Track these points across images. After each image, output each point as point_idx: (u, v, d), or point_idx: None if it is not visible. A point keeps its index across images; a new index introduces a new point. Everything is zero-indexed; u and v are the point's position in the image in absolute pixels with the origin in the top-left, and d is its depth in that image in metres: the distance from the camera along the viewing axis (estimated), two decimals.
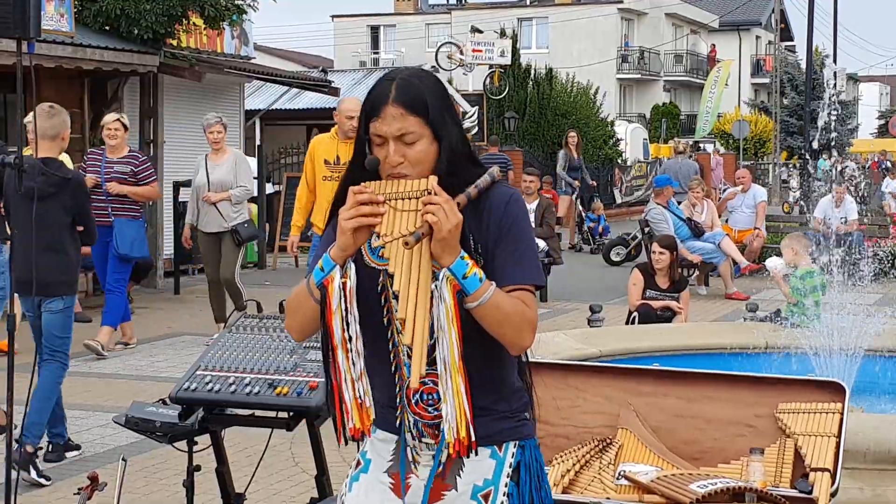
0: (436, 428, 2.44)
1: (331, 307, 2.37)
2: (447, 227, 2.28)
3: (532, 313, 2.41)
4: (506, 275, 2.40)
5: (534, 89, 28.18)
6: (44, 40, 11.24)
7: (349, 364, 2.39)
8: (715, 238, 13.25)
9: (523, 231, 2.45)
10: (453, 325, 2.31)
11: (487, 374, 2.47)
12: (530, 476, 2.52)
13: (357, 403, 2.40)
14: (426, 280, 2.31)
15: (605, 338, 7.55)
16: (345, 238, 2.35)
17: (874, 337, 7.00)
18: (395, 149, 2.39)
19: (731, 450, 3.93)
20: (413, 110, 2.39)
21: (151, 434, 4.07)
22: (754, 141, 41.66)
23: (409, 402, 2.46)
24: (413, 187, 2.35)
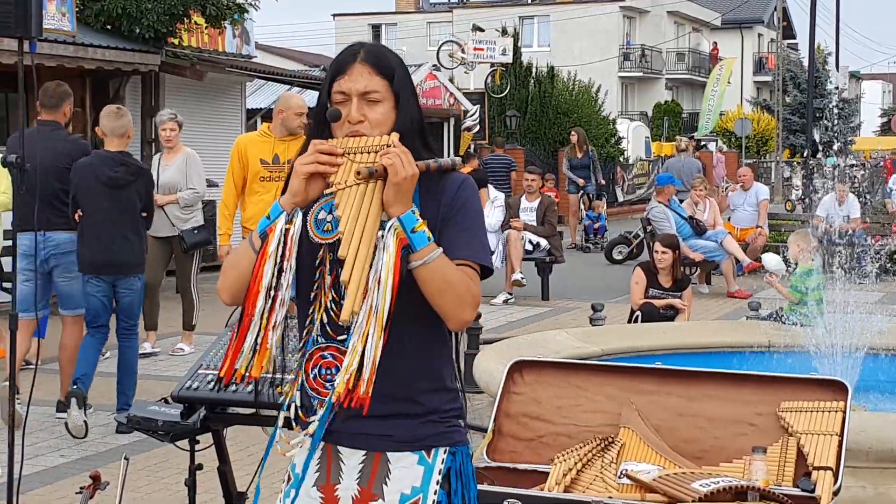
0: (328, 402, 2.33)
1: (265, 251, 2.31)
2: (402, 174, 2.24)
3: (476, 289, 2.34)
4: (454, 249, 2.33)
5: (535, 88, 28.18)
6: (45, 39, 11.25)
7: (266, 308, 2.30)
8: (717, 236, 13.25)
9: (474, 213, 2.41)
10: (391, 275, 2.22)
11: (420, 363, 2.38)
12: (461, 484, 2.41)
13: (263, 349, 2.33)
14: (372, 224, 2.25)
15: (607, 336, 7.55)
16: (297, 182, 2.31)
17: (877, 335, 7.00)
18: (357, 106, 2.37)
19: (734, 448, 3.92)
20: (380, 72, 2.38)
21: (153, 433, 4.06)
22: (756, 139, 41.63)
23: (308, 375, 2.39)
24: (374, 143, 2.33)
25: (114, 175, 6.75)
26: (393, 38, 50.46)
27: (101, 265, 6.82)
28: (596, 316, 8.50)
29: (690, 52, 52.60)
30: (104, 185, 6.76)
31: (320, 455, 2.43)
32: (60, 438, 6.72)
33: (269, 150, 7.59)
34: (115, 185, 6.72)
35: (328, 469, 2.42)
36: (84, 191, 6.80)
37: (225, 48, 16.53)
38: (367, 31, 50.90)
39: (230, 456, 4.41)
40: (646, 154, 33.43)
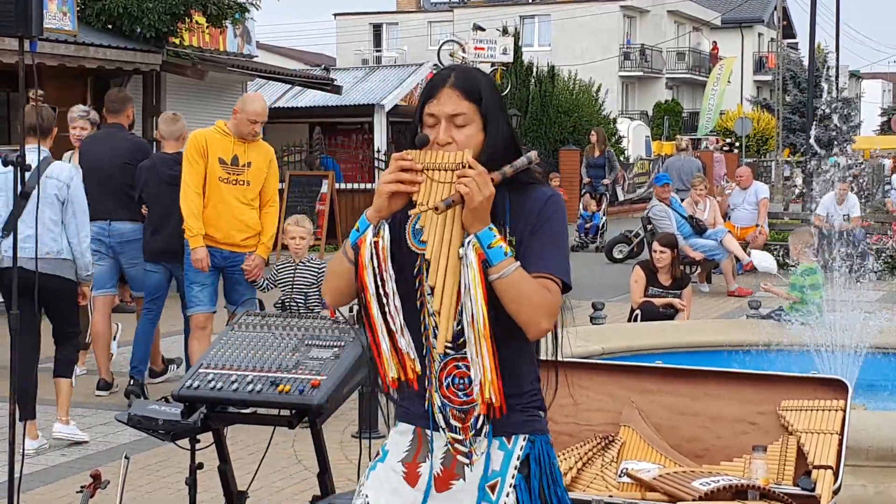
0: (464, 413, 2.48)
1: (362, 263, 2.46)
2: (478, 198, 2.37)
3: (554, 299, 2.46)
4: (536, 262, 2.47)
5: (536, 87, 28.16)
6: (47, 39, 11.26)
7: (388, 317, 2.45)
8: (717, 235, 13.25)
9: (559, 229, 2.54)
10: (479, 288, 2.37)
11: (505, 365, 2.48)
12: (541, 470, 2.54)
13: (395, 354, 2.46)
14: (456, 248, 2.40)
15: (608, 335, 7.55)
16: (381, 200, 2.45)
17: (877, 334, 7.00)
18: (444, 128, 2.49)
19: (734, 447, 3.93)
20: (468, 96, 2.51)
21: (154, 432, 4.07)
22: (757, 138, 41.62)
23: (441, 384, 2.50)
24: (449, 159, 2.44)
25: (172, 173, 7.38)
26: (394, 37, 50.46)
27: (161, 253, 7.53)
28: (596, 315, 8.51)
29: (691, 51, 52.59)
30: (165, 183, 7.44)
31: (412, 438, 2.60)
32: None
33: (228, 150, 7.07)
34: (173, 183, 7.28)
35: (417, 449, 2.58)
36: (148, 189, 7.66)
37: (226, 47, 16.55)
38: (368, 31, 50.90)
39: (231, 455, 4.42)
40: (646, 153, 33.43)
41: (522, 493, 2.51)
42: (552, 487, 2.56)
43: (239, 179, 7.15)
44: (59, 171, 6.38)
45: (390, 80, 22.96)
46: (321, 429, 4.19)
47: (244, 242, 7.22)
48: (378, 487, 2.61)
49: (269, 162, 7.36)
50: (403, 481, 2.58)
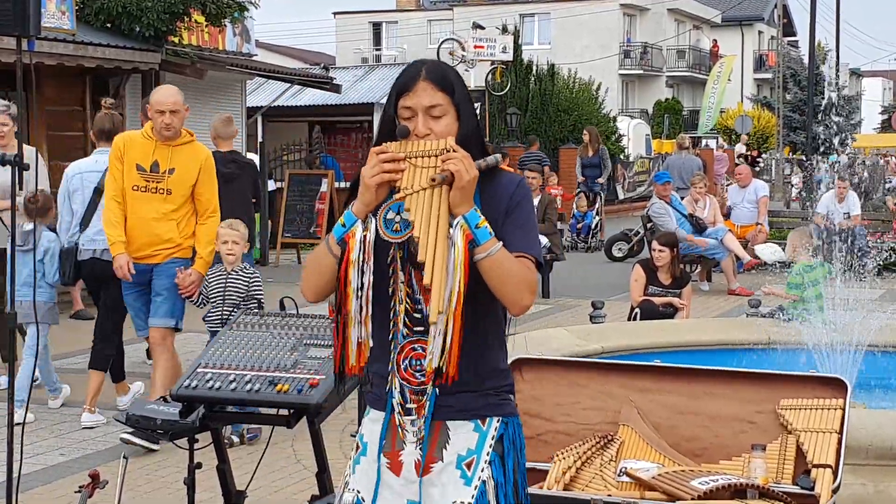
0: (420, 394, 2.58)
1: (349, 257, 2.54)
2: (467, 177, 2.48)
3: (533, 276, 2.59)
4: (512, 243, 2.57)
5: (536, 85, 28.15)
6: (45, 38, 11.24)
7: (358, 308, 2.55)
8: (717, 234, 13.24)
9: (528, 213, 2.66)
10: (460, 269, 2.46)
11: (479, 347, 2.61)
12: (514, 449, 2.67)
13: (358, 343, 2.56)
14: (444, 227, 2.48)
15: (607, 334, 7.54)
16: (369, 193, 2.53)
17: (877, 333, 6.99)
18: (423, 121, 2.59)
19: (733, 446, 3.92)
20: (442, 87, 2.61)
21: (152, 432, 4.06)
22: (757, 136, 41.61)
23: (399, 367, 2.60)
24: (432, 146, 2.54)
25: (226, 171, 7.76)
26: (393, 35, 50.45)
27: None
28: (596, 313, 8.50)
29: (691, 49, 52.56)
30: (219, 180, 7.23)
31: (386, 426, 2.66)
32: (60, 437, 6.72)
33: (148, 155, 6.48)
34: (227, 179, 7.67)
35: (393, 437, 2.65)
36: None
37: (225, 46, 16.53)
38: (367, 29, 50.88)
39: (230, 454, 4.42)
40: (646, 152, 33.40)
41: (497, 469, 2.63)
42: (520, 469, 2.69)
43: (158, 188, 6.51)
44: None
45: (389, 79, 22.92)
46: (319, 428, 4.19)
47: (156, 252, 6.58)
48: (367, 481, 2.68)
49: (202, 168, 6.63)
50: (388, 471, 2.66)
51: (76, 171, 7.20)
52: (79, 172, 7.14)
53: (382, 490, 2.65)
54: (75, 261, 6.95)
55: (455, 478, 2.60)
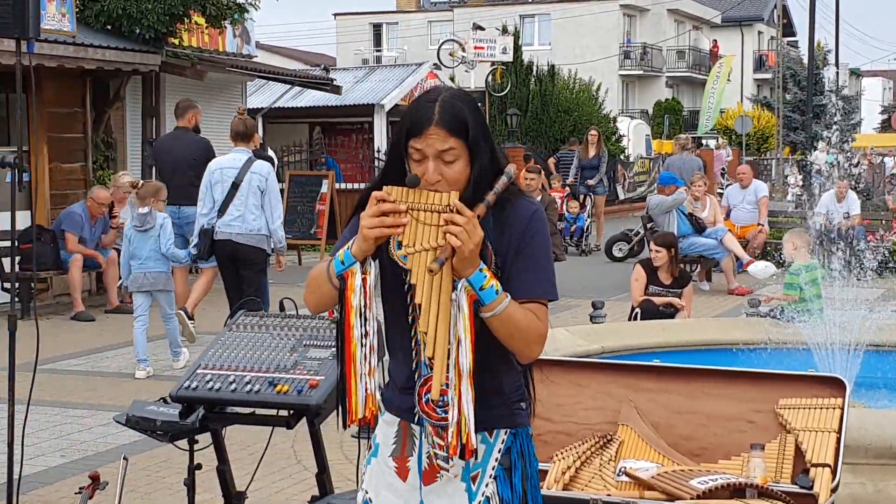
0: (441, 430, 2.51)
1: (349, 304, 2.46)
2: (469, 248, 2.37)
3: (543, 326, 2.51)
4: (521, 288, 2.49)
5: (536, 86, 28.16)
6: (45, 40, 11.25)
7: (363, 357, 2.49)
8: (717, 234, 13.24)
9: (542, 246, 2.54)
10: (468, 334, 2.40)
11: (489, 374, 2.53)
12: (523, 462, 2.61)
13: (368, 396, 2.50)
14: (447, 294, 2.41)
15: (608, 334, 7.55)
16: (366, 244, 2.44)
17: (877, 332, 7.00)
18: (433, 167, 2.46)
19: (732, 446, 3.93)
20: (455, 132, 2.46)
21: (152, 433, 4.07)
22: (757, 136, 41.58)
23: (420, 399, 2.53)
24: (435, 200, 2.41)
25: None
26: (394, 36, 50.44)
27: None
28: (596, 313, 8.50)
29: (691, 49, 52.55)
30: None
31: (397, 430, 2.63)
32: (60, 438, 6.73)
33: None
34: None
35: (403, 443, 2.62)
36: None
37: (225, 48, 16.53)
38: (368, 30, 50.87)
39: (230, 455, 4.42)
40: (646, 152, 33.40)
41: (502, 484, 2.57)
42: (530, 480, 2.62)
43: None
44: (259, 167, 8.40)
45: (390, 80, 22.94)
46: (319, 429, 4.19)
47: None
48: (376, 483, 2.67)
49: None
50: (396, 475, 2.64)
51: (218, 166, 8.54)
52: (220, 168, 8.48)
53: (387, 492, 2.64)
54: (211, 240, 8.39)
55: (460, 490, 2.56)
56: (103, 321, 11.13)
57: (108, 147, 13.46)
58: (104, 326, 10.84)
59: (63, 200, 12.42)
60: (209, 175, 8.51)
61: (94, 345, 9.86)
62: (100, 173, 13.04)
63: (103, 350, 9.61)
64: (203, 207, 8.48)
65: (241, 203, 8.28)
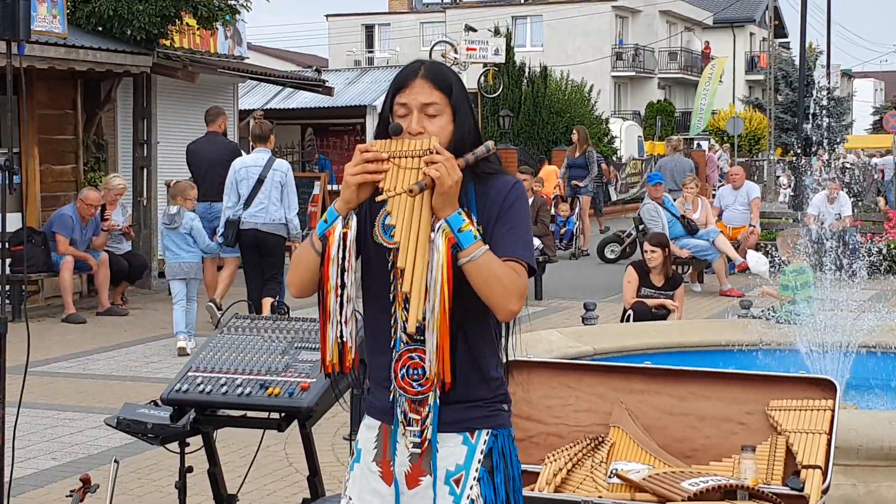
0: (418, 404, 2.53)
1: (329, 255, 2.50)
2: (448, 182, 2.42)
3: (522, 281, 2.52)
4: (501, 246, 2.52)
5: (528, 87, 28.20)
6: (36, 42, 11.21)
7: (337, 306, 2.51)
8: (709, 235, 13.25)
9: (521, 215, 2.59)
10: (443, 271, 2.42)
11: (468, 356, 2.55)
12: (505, 463, 2.61)
13: (338, 343, 2.53)
14: (425, 232, 2.43)
15: (599, 336, 7.55)
16: (349, 192, 2.49)
17: (868, 333, 7.01)
18: (417, 118, 2.54)
19: (723, 447, 3.93)
20: (439, 86, 2.56)
21: (143, 436, 4.06)
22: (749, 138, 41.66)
23: (396, 375, 2.55)
24: (416, 146, 2.47)
25: None
26: (386, 38, 50.41)
27: None
28: (588, 315, 8.49)
29: (683, 51, 52.62)
30: None
31: (377, 434, 2.64)
32: (52, 441, 6.71)
33: None
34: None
35: (384, 447, 2.62)
36: None
37: (217, 49, 16.50)
38: (360, 32, 50.84)
39: (223, 457, 4.41)
40: (639, 153, 33.44)
41: (486, 486, 2.57)
42: (512, 482, 2.63)
43: None
44: (280, 165, 9.67)
45: (382, 82, 22.95)
46: (311, 431, 4.19)
47: None
48: (359, 488, 2.67)
49: None
50: (380, 480, 2.64)
51: (243, 164, 9.72)
52: (245, 166, 9.66)
53: (371, 497, 2.63)
54: (237, 229, 9.46)
55: (444, 493, 2.57)
56: (95, 323, 11.11)
57: (99, 149, 13.42)
58: (96, 329, 10.82)
59: (54, 202, 12.38)
60: (234, 173, 9.63)
61: (85, 347, 9.84)
62: (91, 175, 13.01)
63: (95, 352, 9.59)
64: (228, 201, 9.59)
65: (264, 196, 9.46)
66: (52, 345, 9.86)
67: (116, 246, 12.04)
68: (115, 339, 10.17)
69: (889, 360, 7.18)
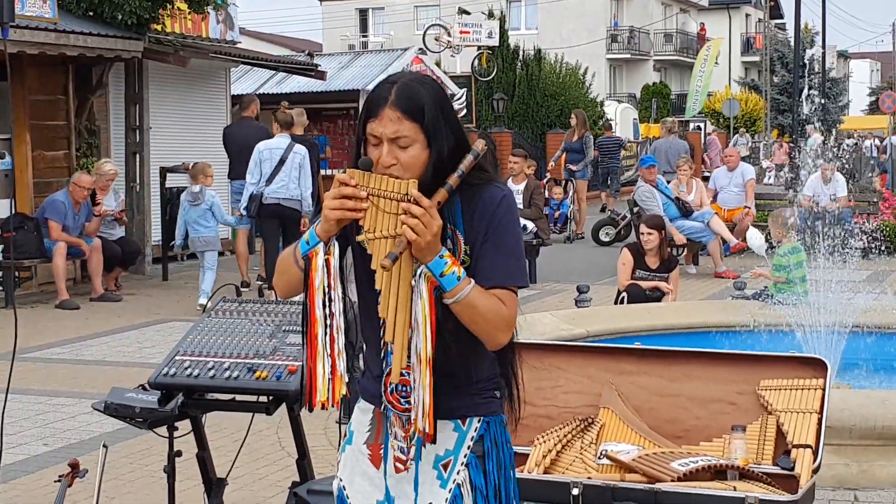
0: (406, 421, 2.51)
1: (313, 284, 2.44)
2: (426, 239, 2.35)
3: (508, 312, 2.47)
4: (487, 274, 2.46)
5: (523, 71, 28.10)
6: (27, 27, 11.15)
7: (329, 339, 2.46)
8: (704, 217, 13.23)
9: (509, 232, 2.51)
10: (427, 321, 2.38)
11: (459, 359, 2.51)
12: (496, 450, 2.58)
13: (335, 376, 2.47)
14: (406, 280, 2.39)
15: (593, 318, 7.54)
16: (328, 225, 2.43)
17: (862, 313, 7.00)
18: (388, 150, 2.43)
19: (714, 428, 3.92)
20: (410, 115, 2.43)
21: (131, 420, 4.04)
22: (745, 119, 41.62)
23: (386, 389, 2.53)
24: (395, 188, 2.39)
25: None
26: (380, 22, 50.28)
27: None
28: (581, 298, 8.48)
29: (678, 33, 52.52)
30: None
31: (371, 418, 2.62)
32: (44, 427, 6.69)
33: None
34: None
35: (377, 430, 2.61)
36: None
37: (209, 34, 16.42)
38: (354, 16, 50.70)
39: (214, 441, 4.40)
40: (634, 136, 33.38)
41: (475, 471, 2.55)
42: (503, 470, 2.59)
43: None
44: (298, 149, 10.88)
45: (375, 66, 22.83)
46: (299, 415, 4.17)
47: None
48: (350, 470, 2.66)
49: None
50: (369, 462, 2.63)
51: (266, 146, 10.93)
52: (268, 148, 10.90)
53: (361, 479, 2.63)
54: (260, 203, 10.70)
55: (431, 478, 2.55)
56: (88, 309, 11.08)
57: (91, 134, 13.37)
58: (89, 315, 10.80)
59: (46, 188, 12.34)
60: (258, 153, 10.89)
61: (78, 333, 9.81)
62: (83, 161, 12.95)
63: (88, 338, 9.57)
64: (252, 178, 10.86)
65: (285, 175, 10.73)
66: (45, 331, 9.84)
67: (109, 232, 12.02)
68: (108, 325, 10.15)
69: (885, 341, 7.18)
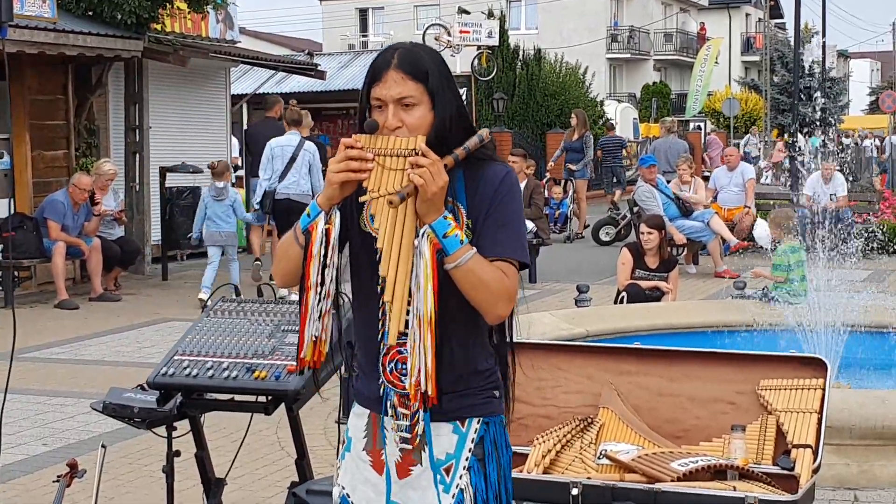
0: (407, 398, 2.46)
1: (311, 252, 2.45)
2: (432, 189, 2.33)
3: (510, 283, 2.45)
4: (490, 246, 2.44)
5: (523, 70, 28.08)
6: (26, 26, 11.14)
7: (316, 303, 2.47)
8: (704, 216, 13.22)
9: (512, 208, 2.50)
10: (429, 281, 2.35)
11: (458, 351, 2.50)
12: (496, 452, 2.56)
13: (312, 339, 2.49)
14: (409, 238, 2.37)
15: (592, 318, 7.54)
16: (331, 189, 2.42)
17: (862, 313, 6.99)
18: (393, 112, 2.44)
19: (714, 427, 3.91)
20: (413, 76, 2.45)
21: (130, 420, 4.03)
22: (745, 119, 41.58)
23: (384, 369, 2.50)
24: (401, 145, 2.39)
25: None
26: (380, 22, 50.26)
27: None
28: (581, 297, 8.47)
29: (678, 32, 52.49)
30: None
31: (367, 423, 2.60)
32: (43, 427, 6.68)
33: None
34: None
35: (374, 436, 2.58)
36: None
37: (208, 33, 16.41)
38: (354, 16, 50.68)
39: (214, 442, 4.39)
40: (634, 136, 33.37)
41: (476, 475, 2.52)
42: (503, 472, 2.57)
43: None
44: (308, 146, 11.30)
45: None
46: (298, 414, 4.16)
47: None
48: (351, 477, 2.63)
49: None
50: (371, 469, 2.59)
51: (277, 144, 11.30)
52: (280, 145, 11.27)
53: (363, 487, 2.60)
54: (273, 199, 11.01)
55: (434, 483, 2.53)
56: (87, 309, 11.08)
57: (90, 134, 13.36)
58: (88, 314, 10.79)
59: (46, 188, 12.33)
60: (269, 150, 11.26)
61: (77, 333, 9.81)
62: (83, 161, 12.95)
63: (87, 338, 9.56)
64: (265, 174, 11.23)
65: (296, 171, 11.12)
66: (44, 331, 9.83)
67: (108, 231, 12.01)
68: (107, 325, 10.15)
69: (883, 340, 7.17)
